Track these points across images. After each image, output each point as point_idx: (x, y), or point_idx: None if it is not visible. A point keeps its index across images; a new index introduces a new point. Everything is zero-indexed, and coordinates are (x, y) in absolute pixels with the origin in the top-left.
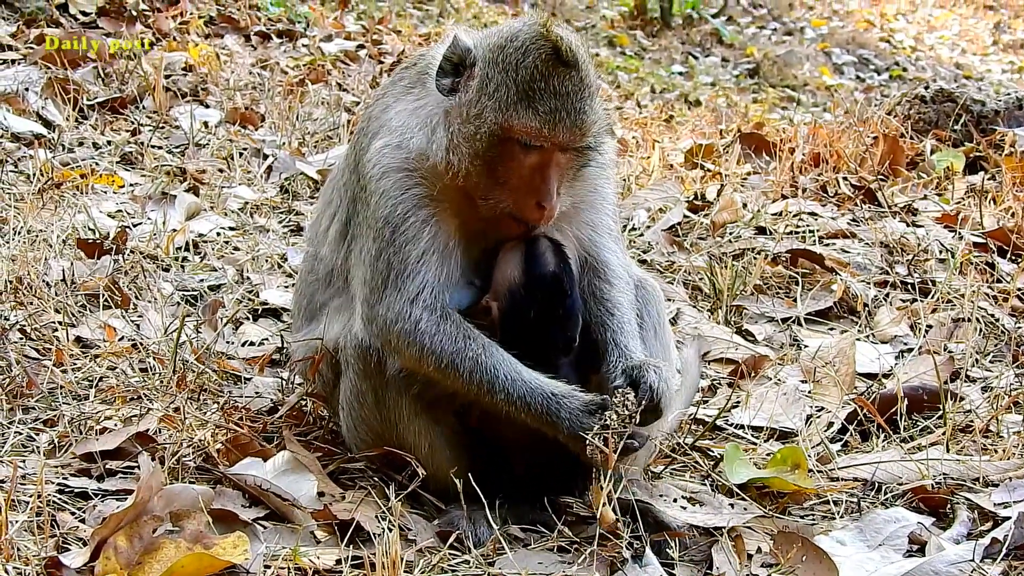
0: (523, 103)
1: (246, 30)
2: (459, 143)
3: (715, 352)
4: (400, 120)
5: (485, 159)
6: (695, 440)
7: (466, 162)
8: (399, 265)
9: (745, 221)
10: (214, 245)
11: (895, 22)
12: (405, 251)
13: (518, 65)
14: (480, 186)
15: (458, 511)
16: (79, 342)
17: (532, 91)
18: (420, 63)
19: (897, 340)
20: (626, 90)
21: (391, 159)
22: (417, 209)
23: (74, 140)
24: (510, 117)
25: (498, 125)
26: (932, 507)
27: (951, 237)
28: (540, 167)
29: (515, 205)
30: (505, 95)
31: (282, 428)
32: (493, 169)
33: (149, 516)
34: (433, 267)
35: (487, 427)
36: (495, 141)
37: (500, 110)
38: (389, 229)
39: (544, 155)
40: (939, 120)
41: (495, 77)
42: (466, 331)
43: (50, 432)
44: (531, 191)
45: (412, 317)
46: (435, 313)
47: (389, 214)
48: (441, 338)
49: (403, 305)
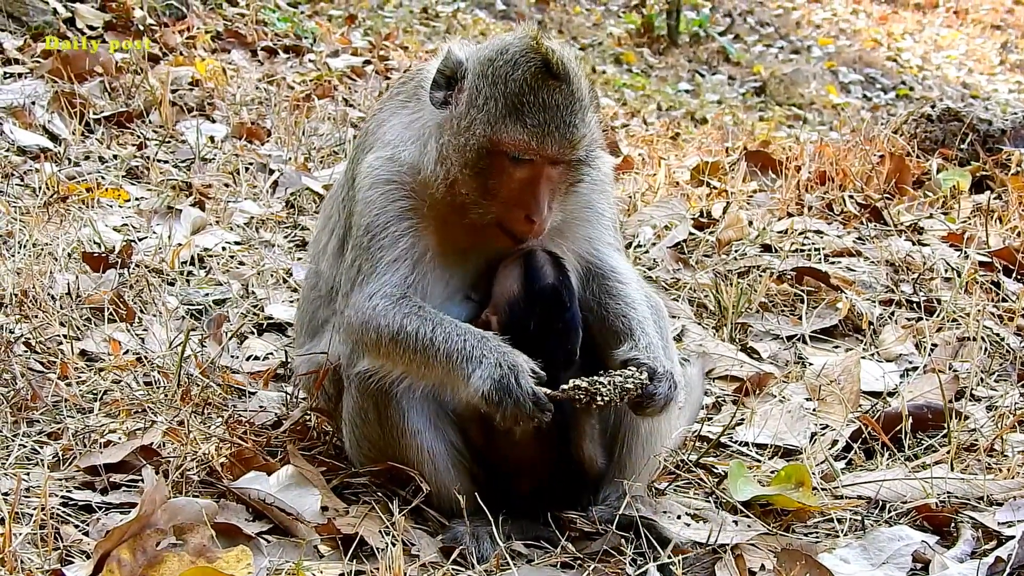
0: (511, 116)
1: (253, 45)
2: (449, 155)
3: (720, 369)
4: (394, 134)
5: (475, 172)
6: (699, 457)
7: (456, 174)
8: (368, 269)
9: (751, 239)
10: (219, 259)
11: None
12: (377, 257)
13: (507, 78)
14: (470, 198)
15: (462, 526)
16: (84, 355)
17: (520, 104)
18: (417, 77)
19: (902, 358)
20: (632, 107)
21: (381, 171)
22: (398, 221)
23: (80, 154)
24: (498, 130)
25: (487, 138)
26: (936, 526)
27: (957, 256)
28: (530, 180)
29: (505, 218)
30: (494, 108)
31: (286, 442)
32: (483, 181)
33: (153, 530)
34: (401, 271)
35: (491, 444)
36: (484, 154)
37: (489, 123)
38: (367, 237)
39: (534, 168)
40: (945, 139)
41: (484, 90)
42: (419, 308)
43: (54, 445)
44: (520, 204)
45: (370, 305)
46: (392, 299)
47: (370, 223)
48: (393, 314)
49: (364, 300)
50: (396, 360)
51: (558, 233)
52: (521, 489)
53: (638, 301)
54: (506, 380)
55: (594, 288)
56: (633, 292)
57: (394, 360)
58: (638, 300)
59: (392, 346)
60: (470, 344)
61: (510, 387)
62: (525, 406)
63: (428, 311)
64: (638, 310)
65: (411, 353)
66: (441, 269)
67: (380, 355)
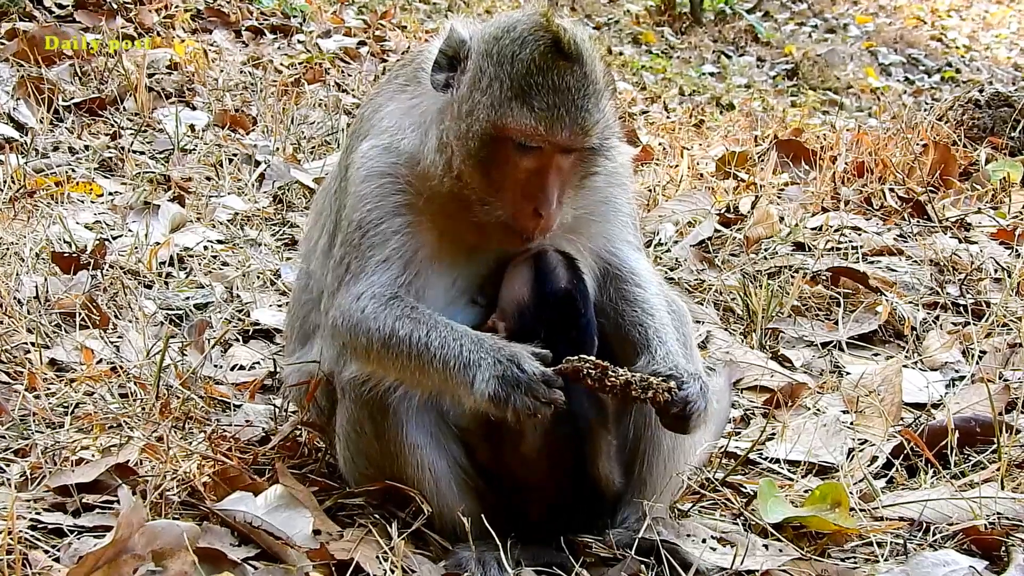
0: (518, 100)
1: (237, 25)
2: (450, 143)
3: (748, 379)
4: (392, 120)
5: (478, 161)
6: (726, 475)
7: (458, 164)
8: (357, 268)
9: (782, 236)
10: (201, 260)
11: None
12: (367, 255)
13: (514, 58)
14: (474, 191)
15: (466, 551)
16: (53, 365)
17: (528, 86)
18: (417, 59)
19: (948, 367)
20: (652, 92)
21: (376, 162)
22: (392, 217)
23: (48, 144)
24: (503, 115)
25: (491, 123)
26: (985, 549)
27: (1007, 254)
28: (538, 171)
29: (510, 213)
30: (498, 91)
31: (275, 460)
32: (487, 172)
33: (129, 555)
34: (393, 271)
35: (498, 461)
36: (488, 141)
37: (493, 107)
38: (358, 234)
39: (543, 158)
40: (995, 126)
41: (488, 71)
42: (412, 310)
43: (22, 463)
44: (528, 198)
45: (358, 307)
46: (381, 300)
47: (362, 219)
48: (384, 316)
49: (351, 301)
50: (388, 366)
51: (572, 231)
52: (531, 510)
53: (657, 307)
54: (510, 372)
55: (611, 291)
56: (652, 297)
57: (386, 367)
58: (657, 306)
59: (384, 351)
60: (467, 348)
61: (516, 378)
62: (537, 390)
63: (421, 312)
64: (656, 317)
65: (405, 359)
66: (443, 270)
67: (371, 361)
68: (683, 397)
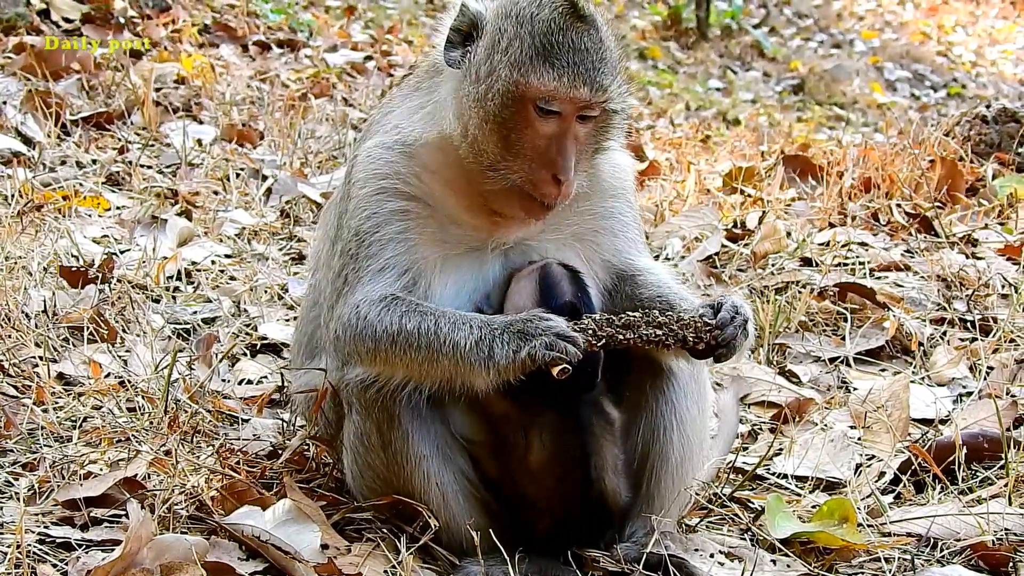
0: (540, 57)
1: (244, 39)
2: (469, 107)
3: (755, 395)
4: (400, 118)
5: (497, 123)
6: (734, 490)
7: (474, 129)
8: (354, 279)
9: (789, 251)
10: (208, 274)
11: (953, 34)
12: (364, 265)
13: (533, 18)
14: (490, 156)
15: (475, 566)
16: (61, 379)
17: (550, 45)
18: (428, 60)
19: (955, 382)
20: (659, 107)
21: (376, 163)
22: (388, 223)
23: (56, 158)
24: (526, 72)
25: (513, 82)
26: (993, 566)
27: (1015, 270)
28: (557, 136)
29: (528, 179)
30: (519, 49)
31: (282, 474)
32: (506, 136)
33: (138, 569)
34: (389, 278)
35: (505, 474)
36: (508, 102)
37: (515, 66)
38: (355, 243)
39: (562, 123)
40: (1002, 142)
41: (508, 30)
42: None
43: (30, 477)
44: (547, 163)
45: (358, 314)
46: (382, 303)
47: (359, 227)
48: (390, 316)
49: (350, 312)
50: (397, 364)
51: (578, 241)
52: (539, 524)
53: (673, 286)
54: (526, 327)
55: (625, 291)
56: (668, 280)
57: (394, 364)
58: (673, 285)
59: (392, 349)
60: (476, 327)
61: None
62: (556, 329)
63: (426, 306)
64: (673, 288)
65: (414, 352)
66: (448, 275)
67: (378, 362)
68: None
